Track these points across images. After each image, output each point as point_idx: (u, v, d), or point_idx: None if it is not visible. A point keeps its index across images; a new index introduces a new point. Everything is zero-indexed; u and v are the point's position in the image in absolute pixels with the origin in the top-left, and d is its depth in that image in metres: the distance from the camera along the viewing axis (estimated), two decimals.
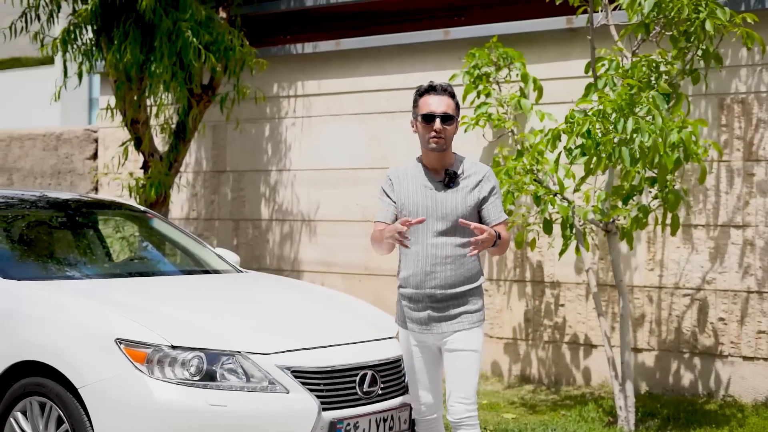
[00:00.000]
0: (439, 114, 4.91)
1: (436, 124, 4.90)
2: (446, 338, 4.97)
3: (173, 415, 4.87)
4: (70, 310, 5.29)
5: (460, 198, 4.95)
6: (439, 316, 4.95)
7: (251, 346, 5.12)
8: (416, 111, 5.00)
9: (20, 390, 5.26)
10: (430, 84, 5.01)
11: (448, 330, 4.96)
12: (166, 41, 8.45)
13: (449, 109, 4.94)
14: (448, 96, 4.97)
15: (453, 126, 4.96)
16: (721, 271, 7.94)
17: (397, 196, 5.01)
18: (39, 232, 6.50)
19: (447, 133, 4.93)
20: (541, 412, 7.72)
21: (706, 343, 8.00)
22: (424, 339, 5.03)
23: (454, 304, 4.95)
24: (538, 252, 8.67)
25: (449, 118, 4.93)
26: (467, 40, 8.93)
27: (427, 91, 4.99)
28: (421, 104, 4.98)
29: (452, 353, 4.97)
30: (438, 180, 4.98)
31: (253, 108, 10.13)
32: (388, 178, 5.08)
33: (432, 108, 4.93)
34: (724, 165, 7.93)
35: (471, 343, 4.97)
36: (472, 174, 4.99)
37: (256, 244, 10.28)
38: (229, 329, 5.27)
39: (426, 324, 4.98)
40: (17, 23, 9.08)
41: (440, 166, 4.99)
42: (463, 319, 4.96)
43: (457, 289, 4.95)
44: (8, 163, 12.10)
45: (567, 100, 8.39)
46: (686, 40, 6.86)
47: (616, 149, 6.48)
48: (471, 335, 4.97)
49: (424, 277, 4.94)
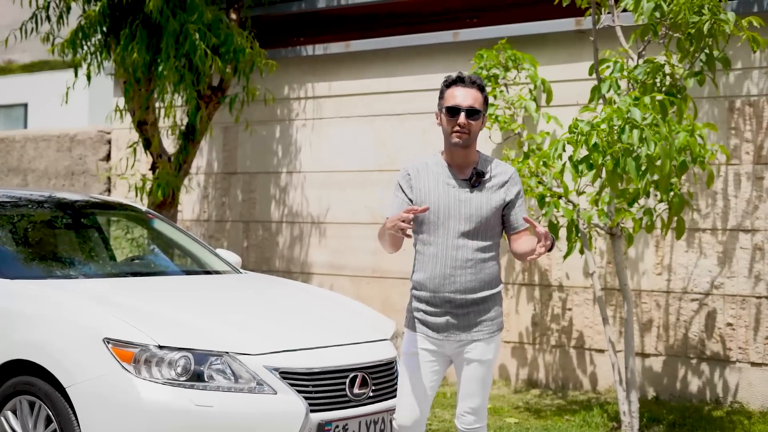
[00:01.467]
0: (464, 107, 4.61)
1: (460, 118, 4.60)
2: (464, 347, 4.70)
3: (160, 415, 4.85)
4: (60, 309, 5.29)
5: (485, 199, 4.67)
6: (459, 324, 4.67)
7: (239, 347, 5.09)
8: (441, 103, 4.70)
9: (10, 389, 5.26)
10: (459, 75, 4.70)
11: (467, 339, 4.68)
12: (173, 43, 8.46)
13: (476, 103, 4.63)
14: (477, 89, 4.67)
15: (479, 121, 4.65)
16: (729, 276, 7.84)
17: (415, 192, 4.70)
18: (40, 231, 6.51)
19: (472, 128, 4.63)
20: (545, 417, 7.65)
21: (714, 348, 7.90)
22: (439, 346, 4.72)
23: (474, 311, 4.68)
24: (545, 255, 8.60)
25: (475, 113, 4.62)
26: (477, 42, 8.88)
27: (454, 83, 4.68)
28: (447, 96, 4.68)
29: (470, 363, 4.70)
30: (462, 178, 4.69)
31: (263, 110, 10.13)
32: (406, 173, 4.75)
33: (458, 101, 4.62)
34: (733, 169, 7.83)
35: (487, 354, 4.71)
36: (497, 174, 4.72)
37: (266, 246, 10.26)
38: (218, 329, 5.24)
39: (444, 331, 4.68)
40: (27, 24, 9.11)
41: (465, 163, 4.70)
42: (483, 328, 4.69)
43: (477, 295, 4.67)
44: (23, 164, 12.16)
45: (576, 103, 8.33)
46: (690, 43, 6.77)
47: (621, 160, 6.37)
48: (491, 345, 4.72)
49: (442, 280, 4.64)
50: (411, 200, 4.70)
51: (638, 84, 6.92)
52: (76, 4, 9.06)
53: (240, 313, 5.67)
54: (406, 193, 4.72)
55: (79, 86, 8.96)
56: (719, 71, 7.54)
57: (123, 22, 8.69)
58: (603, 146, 6.42)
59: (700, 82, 6.99)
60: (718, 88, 7.69)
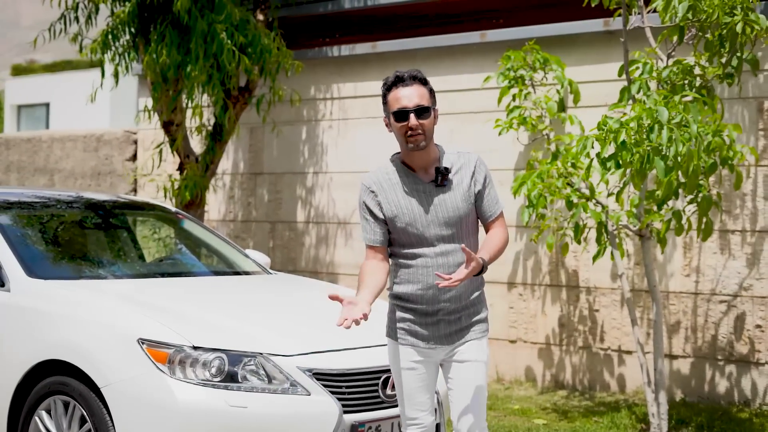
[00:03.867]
0: (411, 108, 4.26)
1: (411, 121, 4.25)
2: (456, 348, 4.45)
3: (194, 416, 4.87)
4: (94, 310, 5.33)
5: (459, 196, 4.38)
6: (450, 329, 4.42)
7: (273, 348, 5.11)
8: (387, 108, 4.34)
9: (45, 389, 5.30)
10: (397, 75, 4.33)
11: (459, 340, 4.44)
12: (202, 43, 8.49)
13: (423, 100, 4.28)
14: (419, 83, 4.31)
15: (431, 118, 4.31)
16: (758, 278, 7.81)
17: (385, 208, 4.38)
18: (70, 231, 6.55)
19: (425, 128, 4.28)
20: (573, 419, 7.64)
21: (743, 350, 7.87)
22: (431, 354, 4.47)
23: (466, 314, 4.44)
24: (573, 257, 8.59)
25: (425, 110, 4.27)
26: (504, 43, 8.87)
27: (394, 84, 4.32)
28: (390, 100, 4.32)
29: (462, 364, 4.44)
30: (428, 181, 4.38)
31: (290, 110, 10.15)
32: (369, 190, 4.40)
33: (403, 103, 4.27)
34: (762, 170, 7.80)
35: (482, 354, 4.46)
36: (462, 165, 4.41)
37: (292, 247, 10.29)
38: (251, 331, 5.27)
39: (435, 339, 4.43)
40: (56, 25, 9.17)
41: (427, 164, 4.39)
42: (475, 328, 4.46)
43: (470, 298, 4.45)
44: (50, 164, 12.22)
45: (604, 104, 8.32)
46: (720, 44, 6.75)
47: (650, 157, 6.36)
48: (482, 345, 4.47)
49: (437, 291, 4.35)
50: (382, 219, 4.39)
51: (668, 85, 6.90)
52: (105, 5, 9.10)
53: (272, 314, 5.69)
54: (375, 213, 4.40)
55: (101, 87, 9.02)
56: (747, 72, 7.51)
57: (152, 23, 8.73)
58: (631, 144, 6.41)
59: (730, 83, 6.96)
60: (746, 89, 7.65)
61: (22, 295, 5.55)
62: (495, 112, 8.66)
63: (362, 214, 4.44)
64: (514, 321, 8.88)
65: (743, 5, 6.58)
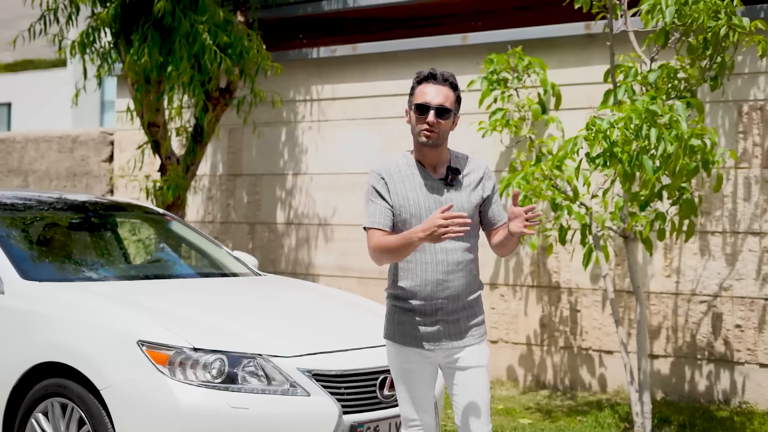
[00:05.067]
0: (434, 105, 4.38)
1: (429, 117, 4.37)
2: (456, 354, 4.48)
3: (196, 417, 4.89)
4: (91, 312, 5.32)
5: (465, 197, 4.46)
6: (450, 331, 4.45)
7: (272, 349, 5.14)
8: (411, 99, 4.47)
9: (42, 391, 5.29)
10: (431, 71, 4.46)
11: (459, 345, 4.46)
12: (185, 43, 8.48)
13: (447, 102, 4.40)
14: (449, 87, 4.43)
15: (449, 121, 4.42)
16: (737, 279, 7.93)
17: (393, 196, 4.43)
18: (58, 233, 6.53)
19: (441, 128, 4.40)
20: (557, 418, 7.72)
21: (722, 350, 7.99)
22: (430, 356, 4.49)
23: (464, 316, 4.48)
24: (554, 258, 8.68)
25: (446, 112, 4.39)
26: (485, 45, 8.93)
27: (426, 79, 4.44)
28: (417, 93, 4.44)
29: (464, 371, 4.47)
30: (437, 178, 4.47)
31: (270, 111, 10.16)
32: (380, 177, 4.46)
33: (428, 98, 4.39)
34: (742, 172, 7.93)
35: (483, 359, 4.50)
36: (472, 171, 4.52)
37: (272, 248, 10.30)
38: (250, 332, 5.29)
39: (435, 340, 4.44)
40: (36, 26, 9.12)
41: (437, 162, 4.48)
42: (473, 332, 4.49)
43: (468, 299, 4.49)
44: (24, 165, 12.14)
45: (586, 106, 8.41)
46: (705, 48, 6.86)
47: (638, 157, 6.46)
48: (482, 350, 4.52)
49: (435, 287, 4.41)
50: (391, 205, 4.44)
51: (652, 88, 7.00)
52: (85, 6, 9.06)
53: (269, 315, 5.72)
54: (385, 198, 4.44)
55: (66, 87, 8.99)
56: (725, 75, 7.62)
57: (134, 24, 8.70)
58: (620, 143, 6.50)
59: (713, 87, 7.07)
60: (726, 93, 7.77)
61: (17, 298, 5.53)
62: (477, 114, 8.73)
63: (370, 199, 4.46)
64: (496, 322, 8.95)
65: (727, 9, 6.69)
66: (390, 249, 4.32)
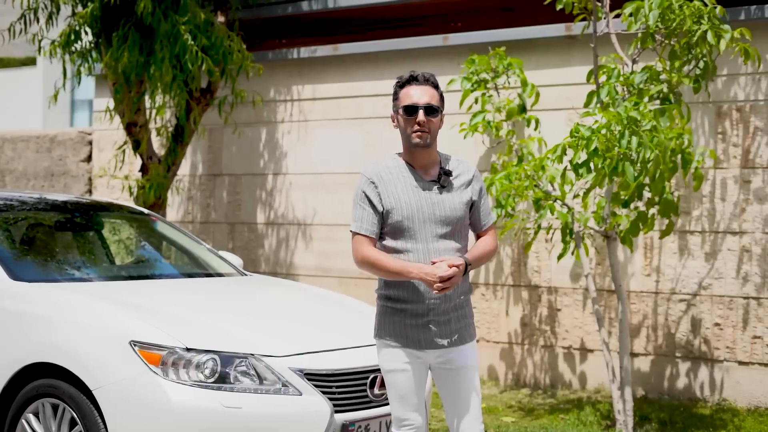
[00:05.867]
0: (422, 105, 4.47)
1: (419, 116, 4.45)
2: (447, 355, 4.53)
3: (188, 417, 4.91)
4: (82, 312, 5.33)
5: (456, 198, 4.53)
6: (441, 331, 4.49)
7: (264, 349, 5.17)
8: (397, 104, 4.54)
9: (32, 392, 5.29)
10: (412, 74, 4.55)
11: (449, 345, 4.51)
12: (167, 43, 8.48)
13: (433, 100, 4.50)
14: (431, 86, 4.53)
15: (438, 119, 4.51)
16: (716, 277, 8.03)
17: (385, 199, 4.48)
18: (45, 234, 6.52)
19: (432, 126, 4.48)
20: (539, 416, 7.79)
21: (702, 348, 8.09)
22: (421, 356, 4.52)
23: (455, 317, 4.53)
24: (535, 257, 8.75)
25: (434, 110, 4.48)
26: (466, 46, 8.98)
27: (408, 82, 4.53)
28: (402, 96, 4.52)
29: (454, 371, 4.54)
30: (429, 179, 4.53)
31: (251, 111, 10.17)
32: (369, 181, 4.50)
33: (414, 99, 4.48)
34: (721, 172, 8.03)
35: (473, 359, 4.57)
36: (461, 173, 4.59)
37: (252, 248, 10.31)
38: (241, 332, 5.32)
39: (427, 340, 4.48)
40: (16, 25, 9.09)
41: (428, 164, 4.55)
42: (463, 333, 4.55)
43: (459, 299, 4.54)
44: (1, 165, 12.08)
45: (566, 107, 8.48)
46: (688, 51, 6.95)
47: (619, 164, 6.54)
48: (471, 350, 4.58)
49: (426, 287, 4.45)
50: (380, 212, 4.48)
51: (635, 89, 7.08)
52: (65, 6, 9.04)
53: (259, 315, 5.75)
54: (375, 204, 4.48)
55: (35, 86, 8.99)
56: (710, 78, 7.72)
57: (115, 24, 8.69)
58: (602, 150, 6.58)
59: (696, 89, 7.17)
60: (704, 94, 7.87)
61: (7, 299, 5.53)
62: (457, 115, 8.78)
63: (359, 204, 4.51)
64: (477, 321, 9.00)
65: (710, 15, 6.79)
66: (382, 269, 4.43)
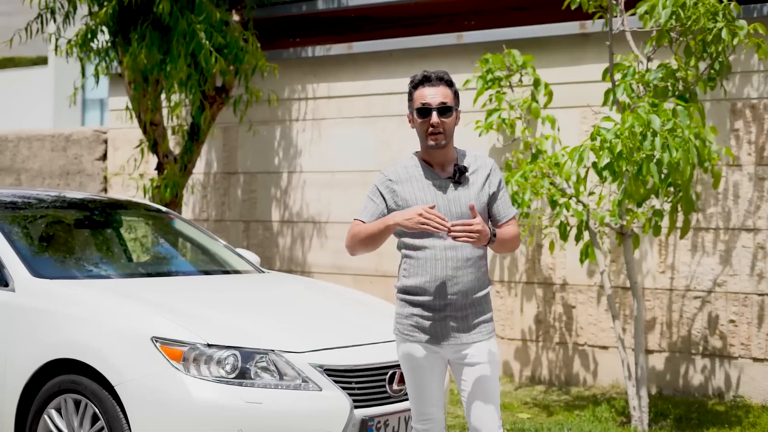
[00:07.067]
0: (435, 106, 4.48)
1: (432, 118, 4.47)
2: (465, 350, 4.53)
3: (210, 412, 4.96)
4: (104, 309, 5.37)
5: (473, 194, 4.54)
6: (459, 327, 4.51)
7: (284, 345, 5.21)
8: (411, 105, 4.56)
9: (54, 388, 5.34)
10: (424, 74, 4.55)
11: (468, 341, 4.52)
12: (183, 42, 8.53)
13: (447, 99, 4.50)
14: (445, 85, 4.53)
15: (452, 118, 4.52)
16: (731, 274, 8.05)
17: (400, 199, 4.53)
18: (65, 231, 6.57)
19: (446, 126, 4.50)
20: (555, 413, 7.82)
21: (717, 344, 8.11)
22: (439, 351, 4.55)
23: (473, 313, 4.54)
24: (549, 255, 8.77)
25: (447, 110, 4.50)
26: (480, 45, 9.01)
27: (421, 83, 4.54)
28: (415, 97, 4.54)
29: (473, 367, 4.53)
30: (445, 177, 4.56)
31: (265, 110, 10.22)
32: (387, 179, 4.58)
33: (427, 100, 4.49)
34: (735, 169, 8.04)
35: (492, 354, 4.56)
36: (479, 168, 4.60)
37: (267, 246, 10.36)
38: (261, 328, 5.37)
39: (444, 336, 4.51)
40: (33, 24, 9.15)
41: (445, 161, 4.57)
42: (482, 329, 4.55)
43: (477, 295, 4.54)
44: (17, 164, 12.16)
45: (581, 105, 8.51)
46: (703, 49, 6.97)
47: (644, 165, 6.54)
48: (491, 346, 4.57)
49: (445, 282, 4.49)
50: (387, 207, 4.55)
51: (651, 88, 7.10)
52: (80, 6, 9.10)
53: (279, 312, 5.79)
54: (386, 199, 4.56)
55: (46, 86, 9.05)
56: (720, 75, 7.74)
57: (132, 24, 8.75)
58: (627, 154, 6.58)
59: (712, 86, 7.19)
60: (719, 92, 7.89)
61: (28, 296, 5.58)
62: (471, 113, 8.81)
63: (370, 197, 4.60)
64: None
65: (725, 12, 6.81)
66: (366, 235, 4.50)
